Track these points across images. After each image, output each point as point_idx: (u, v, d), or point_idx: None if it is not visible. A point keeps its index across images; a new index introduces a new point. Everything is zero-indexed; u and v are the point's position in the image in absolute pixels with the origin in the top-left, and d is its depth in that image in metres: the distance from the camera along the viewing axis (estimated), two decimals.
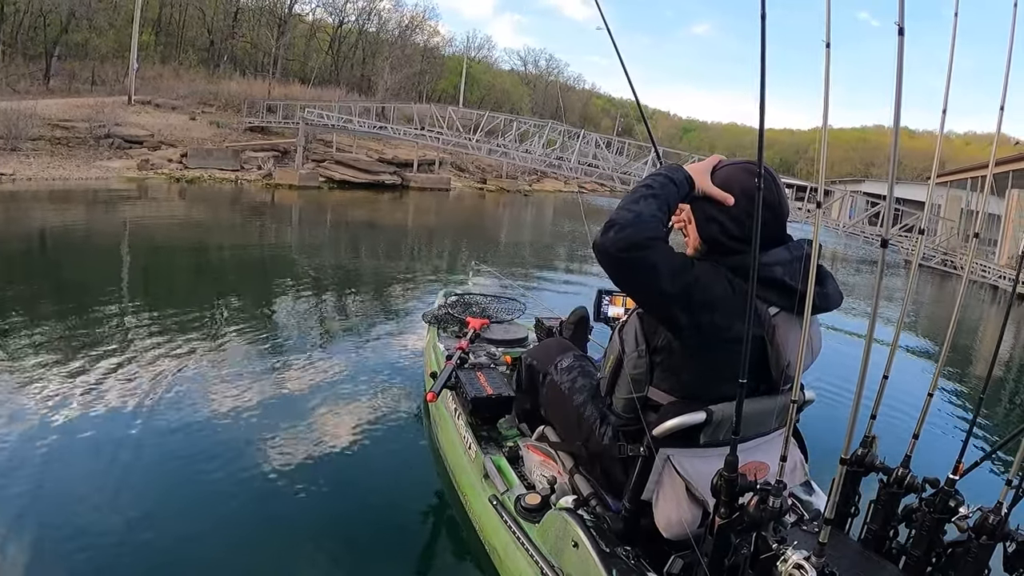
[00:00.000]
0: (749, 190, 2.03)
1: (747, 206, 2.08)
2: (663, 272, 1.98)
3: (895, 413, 2.43)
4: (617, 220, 2.00)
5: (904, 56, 1.61)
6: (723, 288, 2.07)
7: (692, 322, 2.05)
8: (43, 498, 3.61)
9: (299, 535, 3.48)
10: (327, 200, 25.75)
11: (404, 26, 56.93)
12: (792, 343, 2.17)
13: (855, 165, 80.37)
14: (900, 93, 1.64)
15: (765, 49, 1.64)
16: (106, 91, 33.97)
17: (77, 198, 18.60)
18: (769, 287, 2.12)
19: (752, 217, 1.86)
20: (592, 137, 27.90)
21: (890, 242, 10.17)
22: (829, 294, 2.23)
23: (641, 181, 2.16)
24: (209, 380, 5.46)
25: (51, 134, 25.95)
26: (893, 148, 1.78)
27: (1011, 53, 2.11)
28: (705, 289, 2.04)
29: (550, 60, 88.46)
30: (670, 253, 2.02)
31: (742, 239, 2.13)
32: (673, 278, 1.99)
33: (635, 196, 2.07)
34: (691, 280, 2.02)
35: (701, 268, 2.08)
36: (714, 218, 2.20)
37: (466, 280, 7.74)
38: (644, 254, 1.97)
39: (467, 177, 42.78)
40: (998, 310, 16.81)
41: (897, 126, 1.73)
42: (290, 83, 45.78)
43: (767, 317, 2.14)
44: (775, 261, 2.13)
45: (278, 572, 3.23)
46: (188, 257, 12.19)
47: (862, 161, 79.01)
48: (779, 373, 2.19)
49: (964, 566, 2.03)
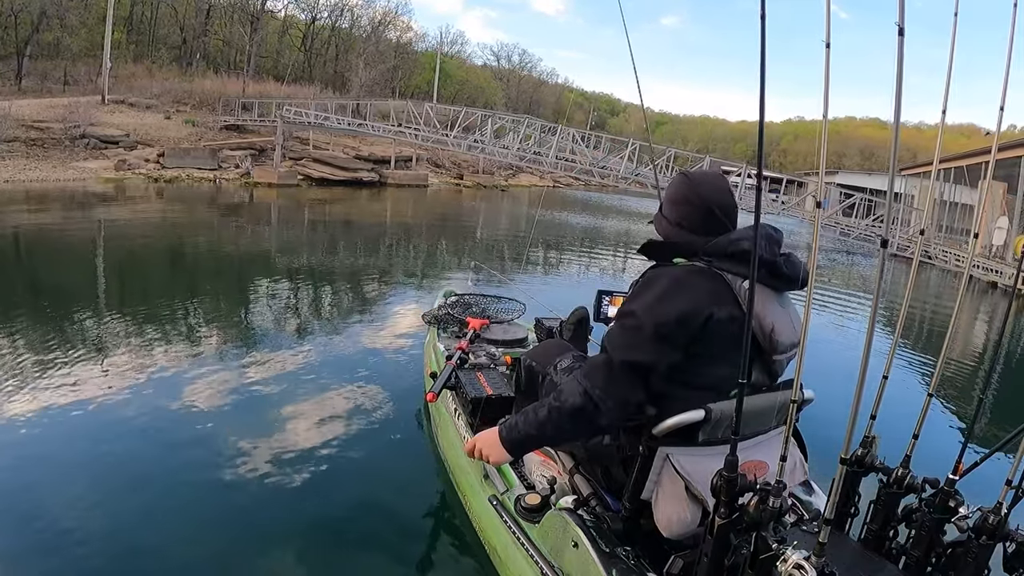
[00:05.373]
0: (679, 197, 2.42)
1: (682, 206, 2.41)
2: (642, 373, 2.16)
3: (895, 413, 2.47)
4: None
5: (904, 56, 1.60)
6: (680, 289, 2.20)
7: (683, 346, 2.17)
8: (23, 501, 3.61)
9: (299, 535, 3.50)
10: (307, 198, 25.52)
11: (377, 22, 56.54)
12: (770, 312, 2.23)
13: (828, 157, 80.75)
14: (900, 94, 1.64)
15: (764, 50, 1.62)
16: (79, 91, 33.38)
17: (55, 200, 18.31)
18: (740, 260, 2.21)
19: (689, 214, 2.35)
20: (569, 132, 27.87)
21: (864, 233, 10.23)
22: (795, 263, 2.33)
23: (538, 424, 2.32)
24: (209, 381, 5.47)
25: (26, 135, 25.47)
26: (893, 148, 1.77)
27: (1011, 53, 2.13)
28: (670, 319, 2.15)
29: (523, 55, 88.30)
30: (623, 369, 2.17)
31: (685, 227, 2.39)
32: (652, 359, 2.15)
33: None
34: (654, 334, 2.15)
35: (649, 310, 2.19)
36: (661, 219, 2.49)
37: (465, 280, 7.74)
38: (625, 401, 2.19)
39: (444, 173, 42.55)
40: (974, 299, 17.01)
41: (897, 125, 1.70)
42: (264, 80, 45.27)
43: (742, 292, 2.19)
44: (741, 236, 2.25)
45: (278, 572, 3.25)
46: (173, 260, 12.08)
47: (834, 152, 79.37)
48: (767, 342, 2.22)
49: (964, 566, 2.04)
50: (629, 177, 25.08)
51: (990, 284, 18.89)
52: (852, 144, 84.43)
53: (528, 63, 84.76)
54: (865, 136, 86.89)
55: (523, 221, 26.45)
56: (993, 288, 18.69)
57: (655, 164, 25.12)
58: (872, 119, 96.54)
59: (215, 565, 3.26)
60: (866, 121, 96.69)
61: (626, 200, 36.60)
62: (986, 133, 20.48)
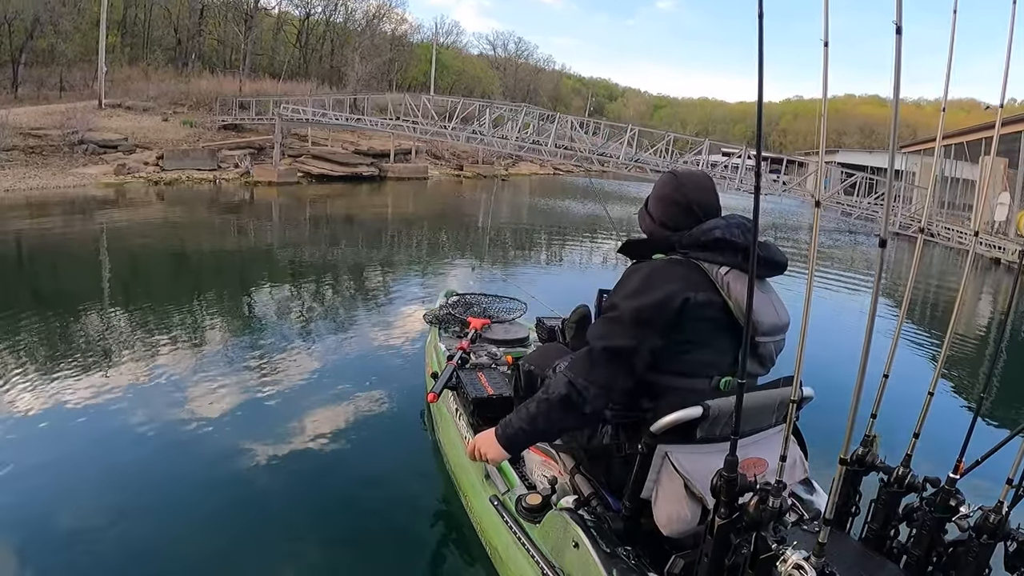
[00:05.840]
0: (664, 195, 2.49)
1: (667, 204, 2.49)
2: (623, 358, 2.22)
3: (895, 412, 2.46)
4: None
5: (902, 53, 1.59)
6: (657, 278, 2.25)
7: (662, 329, 2.21)
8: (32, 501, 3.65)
9: (300, 534, 3.52)
10: (307, 195, 25.54)
11: (371, 16, 56.51)
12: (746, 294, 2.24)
13: (827, 135, 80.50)
14: (898, 91, 1.62)
15: (763, 51, 1.60)
16: (75, 96, 33.31)
17: (56, 207, 18.31)
18: (713, 248, 2.27)
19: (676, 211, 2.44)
20: (568, 119, 27.80)
21: (866, 213, 10.16)
22: (770, 246, 2.38)
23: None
24: (210, 381, 5.52)
25: (24, 143, 25.47)
26: (892, 150, 1.79)
27: (1010, 53, 2.13)
28: (647, 305, 2.20)
29: (519, 43, 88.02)
30: (605, 356, 2.24)
31: (668, 226, 2.46)
32: (631, 344, 2.20)
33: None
34: (633, 319, 2.21)
35: (626, 299, 2.25)
36: (646, 216, 2.57)
37: (467, 279, 7.73)
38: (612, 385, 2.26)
39: (443, 165, 42.51)
40: (977, 276, 16.95)
41: (896, 125, 1.70)
42: (261, 78, 45.25)
43: (719, 277, 2.24)
44: (712, 226, 2.31)
45: (278, 572, 3.27)
46: (174, 262, 12.09)
47: (833, 130, 79.12)
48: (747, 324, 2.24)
49: (965, 565, 2.04)
50: (629, 163, 25.01)
51: (993, 261, 18.78)
52: (852, 122, 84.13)
53: (525, 51, 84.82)
54: (865, 114, 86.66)
55: (524, 210, 26.55)
56: (996, 264, 18.59)
57: (655, 149, 25.18)
58: (871, 96, 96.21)
59: (215, 564, 3.29)
60: (865, 99, 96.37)
61: (626, 186, 36.48)
62: (986, 108, 20.38)
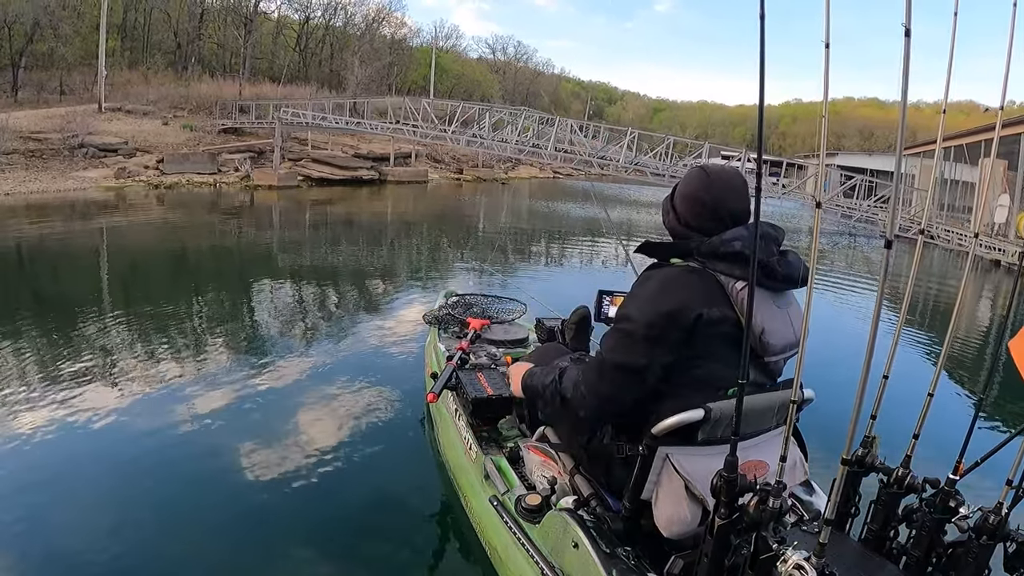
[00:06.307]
0: (691, 194, 2.39)
1: (692, 204, 2.38)
2: (632, 375, 2.22)
3: (895, 413, 2.46)
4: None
5: (910, 55, 1.55)
6: (670, 288, 2.21)
7: (674, 346, 2.18)
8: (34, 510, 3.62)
9: (300, 535, 3.52)
10: (308, 199, 25.52)
11: (371, 19, 56.61)
12: (762, 313, 2.20)
13: (827, 138, 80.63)
14: (906, 93, 1.61)
15: (764, 51, 1.59)
16: (75, 100, 33.39)
17: (56, 210, 18.31)
18: (732, 261, 2.20)
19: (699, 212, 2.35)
20: (567, 123, 27.83)
21: (866, 215, 10.17)
22: (792, 262, 2.31)
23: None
24: (211, 382, 5.53)
25: (24, 147, 25.44)
26: (898, 149, 1.77)
27: (1010, 54, 2.12)
28: (659, 319, 2.17)
29: (518, 47, 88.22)
30: (616, 369, 2.25)
31: (692, 227, 2.37)
32: (642, 362, 2.19)
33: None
34: (645, 336, 2.18)
35: (640, 312, 2.22)
36: (670, 211, 2.48)
37: (467, 279, 7.73)
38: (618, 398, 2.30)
39: (443, 168, 42.54)
40: (977, 278, 16.95)
41: (903, 127, 1.69)
42: (260, 82, 45.21)
43: (734, 292, 2.18)
44: (733, 237, 2.22)
45: (279, 571, 3.27)
46: (175, 266, 12.10)
47: (833, 133, 79.20)
48: (757, 344, 2.20)
49: (964, 566, 2.03)
50: (629, 167, 25.02)
51: (993, 262, 18.80)
52: (851, 124, 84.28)
53: (524, 54, 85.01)
54: (864, 116, 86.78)
55: (524, 213, 26.56)
56: (996, 266, 18.61)
57: (655, 152, 25.16)
58: (871, 99, 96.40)
59: (215, 565, 3.30)
60: (864, 101, 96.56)
61: (626, 189, 36.52)
62: (985, 110, 20.38)
